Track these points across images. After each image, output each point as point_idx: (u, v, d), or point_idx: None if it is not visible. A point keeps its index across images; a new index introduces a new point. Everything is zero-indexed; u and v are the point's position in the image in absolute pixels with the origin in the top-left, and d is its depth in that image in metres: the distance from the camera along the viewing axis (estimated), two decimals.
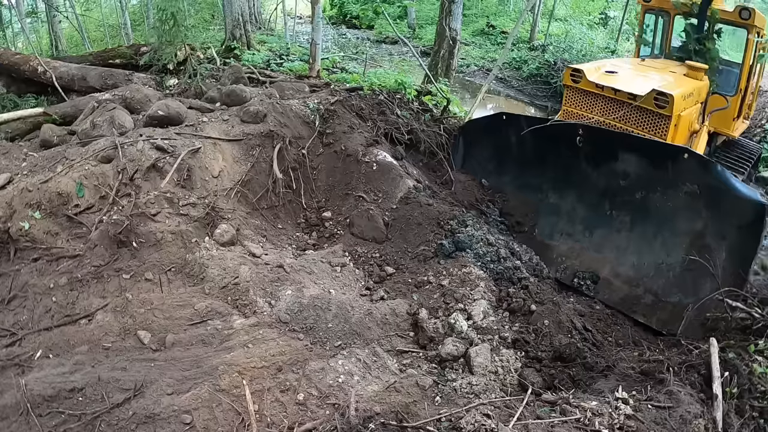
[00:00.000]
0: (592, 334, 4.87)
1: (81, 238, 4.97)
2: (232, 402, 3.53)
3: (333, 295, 4.79)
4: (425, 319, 4.73)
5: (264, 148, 6.27)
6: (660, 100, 6.00)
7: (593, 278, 5.89)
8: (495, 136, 6.94)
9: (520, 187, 6.82)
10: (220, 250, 5.06)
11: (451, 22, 11.24)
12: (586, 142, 5.94)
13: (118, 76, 8.58)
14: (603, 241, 6.01)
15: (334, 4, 24.89)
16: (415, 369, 4.24)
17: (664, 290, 5.42)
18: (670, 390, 3.65)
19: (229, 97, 7.05)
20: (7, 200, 5.03)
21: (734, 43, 7.78)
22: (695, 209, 5.34)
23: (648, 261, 5.62)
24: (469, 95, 14.74)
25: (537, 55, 17.85)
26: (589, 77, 6.51)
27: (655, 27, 8.67)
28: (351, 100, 7.34)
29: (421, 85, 9.12)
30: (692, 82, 6.84)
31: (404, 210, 6.08)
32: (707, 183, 5.22)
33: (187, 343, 4.16)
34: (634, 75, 6.88)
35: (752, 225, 4.92)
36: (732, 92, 7.97)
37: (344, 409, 3.37)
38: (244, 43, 12.21)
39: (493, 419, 3.31)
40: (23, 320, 4.37)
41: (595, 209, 6.12)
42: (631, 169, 5.75)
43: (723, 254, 5.11)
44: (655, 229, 5.64)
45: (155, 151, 5.59)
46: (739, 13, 7.36)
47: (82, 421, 3.36)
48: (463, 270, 5.23)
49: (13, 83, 9.11)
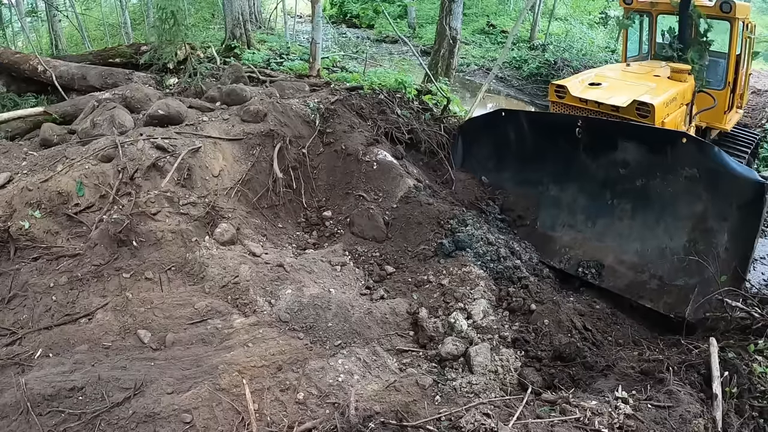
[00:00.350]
0: (591, 333, 4.87)
1: (81, 237, 4.97)
2: (232, 401, 3.53)
3: (333, 294, 4.79)
4: (425, 318, 4.73)
5: (264, 147, 6.27)
6: (642, 110, 6.14)
7: (597, 267, 5.89)
8: (494, 133, 6.96)
9: (520, 182, 6.85)
10: (220, 249, 5.06)
11: (451, 21, 11.24)
12: (585, 133, 5.97)
13: (118, 75, 8.58)
14: (605, 229, 6.04)
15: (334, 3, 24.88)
16: (415, 368, 4.24)
17: (669, 274, 5.44)
18: (669, 389, 3.65)
19: (229, 96, 7.05)
20: (7, 199, 5.04)
21: (720, 33, 7.78)
22: (695, 193, 5.38)
23: (651, 247, 5.65)
24: (469, 94, 14.74)
25: (537, 55, 17.83)
26: (572, 92, 6.65)
27: (641, 28, 8.72)
28: (351, 99, 7.34)
29: (421, 85, 9.11)
30: (676, 85, 6.92)
31: (404, 209, 6.08)
32: (706, 166, 5.26)
33: (187, 342, 4.16)
34: (617, 85, 6.98)
35: (752, 204, 4.96)
36: (720, 86, 7.99)
37: (344, 408, 3.37)
38: (245, 42, 12.20)
39: (492, 418, 3.32)
40: (23, 319, 4.37)
41: (596, 199, 6.15)
42: (631, 157, 5.79)
43: (725, 236, 5.15)
44: (656, 214, 5.67)
45: (155, 150, 5.59)
46: (720, 6, 7.40)
47: (82, 420, 3.35)
48: (463, 269, 5.24)
49: (13, 82, 9.11)
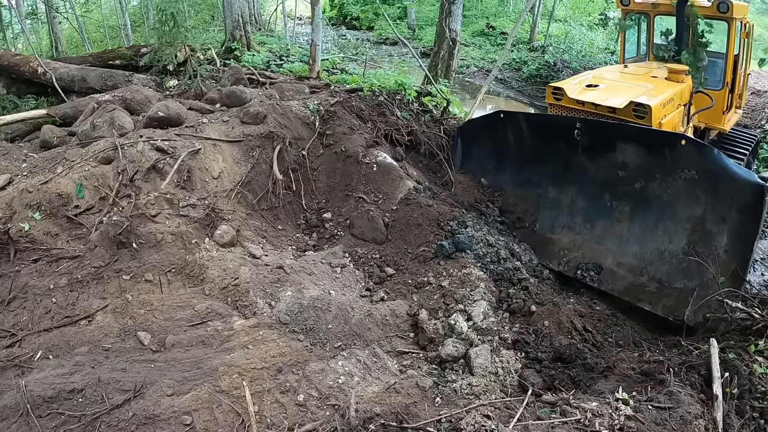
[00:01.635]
0: (592, 334, 4.86)
1: (81, 239, 4.97)
2: (232, 403, 3.53)
3: (333, 296, 4.79)
4: (425, 320, 4.73)
5: (264, 149, 6.27)
6: (639, 111, 6.16)
7: (596, 269, 5.89)
8: (493, 135, 6.97)
9: (519, 184, 6.85)
10: (220, 251, 5.06)
11: (450, 23, 11.25)
12: (584, 135, 5.98)
13: (118, 77, 8.60)
14: (604, 232, 6.03)
15: (334, 5, 24.93)
16: (415, 370, 4.24)
17: (668, 277, 5.43)
18: (670, 391, 3.65)
19: (229, 98, 7.06)
20: (7, 201, 5.04)
21: (718, 33, 7.79)
22: (695, 195, 5.37)
23: (650, 249, 5.64)
24: (469, 96, 14.75)
25: (537, 56, 17.86)
26: (569, 94, 6.67)
27: (638, 29, 8.73)
28: (351, 101, 7.34)
29: (421, 86, 9.12)
30: (673, 86, 6.93)
31: (404, 211, 6.08)
32: (705, 168, 5.24)
33: (187, 344, 4.16)
34: (614, 86, 6.99)
35: (752, 207, 4.94)
36: (718, 86, 7.99)
37: (344, 410, 3.37)
38: (244, 44, 12.22)
39: (493, 420, 3.31)
40: (23, 321, 4.37)
41: (595, 201, 6.15)
42: (630, 159, 5.78)
43: (725, 238, 5.13)
44: (656, 217, 5.66)
45: (155, 152, 5.59)
46: (717, 7, 7.39)
47: (82, 422, 3.35)
48: (463, 271, 5.23)
49: (13, 84, 9.13)
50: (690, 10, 7.37)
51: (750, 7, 8.41)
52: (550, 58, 17.17)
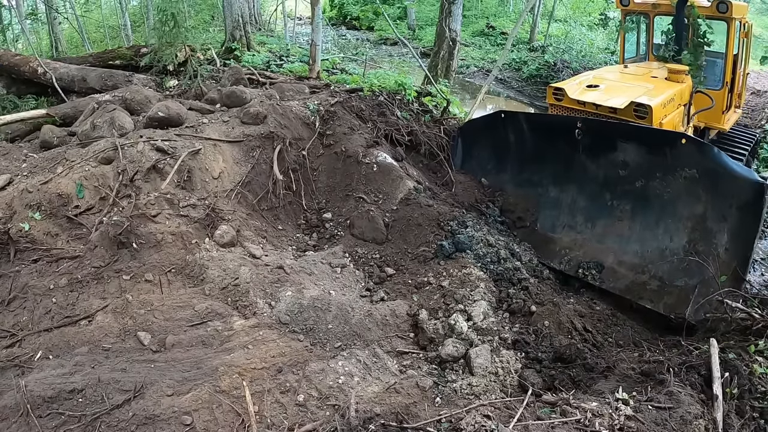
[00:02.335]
0: (592, 335, 4.86)
1: (81, 239, 4.97)
2: (232, 403, 3.53)
3: (333, 296, 4.79)
4: (425, 320, 4.73)
5: (264, 149, 6.27)
6: (639, 111, 6.19)
7: (598, 268, 5.90)
8: (494, 135, 6.97)
9: (520, 184, 6.85)
10: (220, 252, 5.06)
11: (450, 23, 11.25)
12: (585, 135, 5.99)
13: (118, 77, 8.60)
14: (605, 231, 6.04)
15: (334, 5, 24.94)
16: (415, 370, 4.24)
17: (669, 275, 5.44)
18: (670, 391, 3.65)
19: (229, 98, 7.06)
20: (7, 201, 5.04)
21: (718, 33, 7.81)
22: (695, 193, 5.38)
23: (651, 247, 5.65)
24: (469, 96, 14.75)
25: (537, 56, 17.85)
26: (570, 95, 6.69)
27: (638, 29, 8.73)
28: (351, 101, 7.34)
29: (421, 86, 9.12)
30: (673, 86, 6.95)
31: (404, 211, 6.08)
32: (706, 167, 5.26)
33: (187, 344, 4.16)
34: (615, 87, 7.01)
35: (752, 205, 4.96)
36: (718, 86, 8.01)
37: (344, 410, 3.37)
38: (244, 44, 12.23)
39: (493, 420, 3.31)
40: (23, 321, 4.37)
41: (595, 200, 6.16)
42: (630, 158, 5.80)
43: (725, 236, 5.15)
44: (656, 215, 5.67)
45: (155, 152, 5.59)
46: (716, 7, 7.41)
47: (82, 422, 3.35)
48: (463, 271, 5.23)
49: (13, 84, 9.13)
50: (690, 10, 7.38)
51: (749, 7, 8.40)
52: (550, 58, 17.17)
